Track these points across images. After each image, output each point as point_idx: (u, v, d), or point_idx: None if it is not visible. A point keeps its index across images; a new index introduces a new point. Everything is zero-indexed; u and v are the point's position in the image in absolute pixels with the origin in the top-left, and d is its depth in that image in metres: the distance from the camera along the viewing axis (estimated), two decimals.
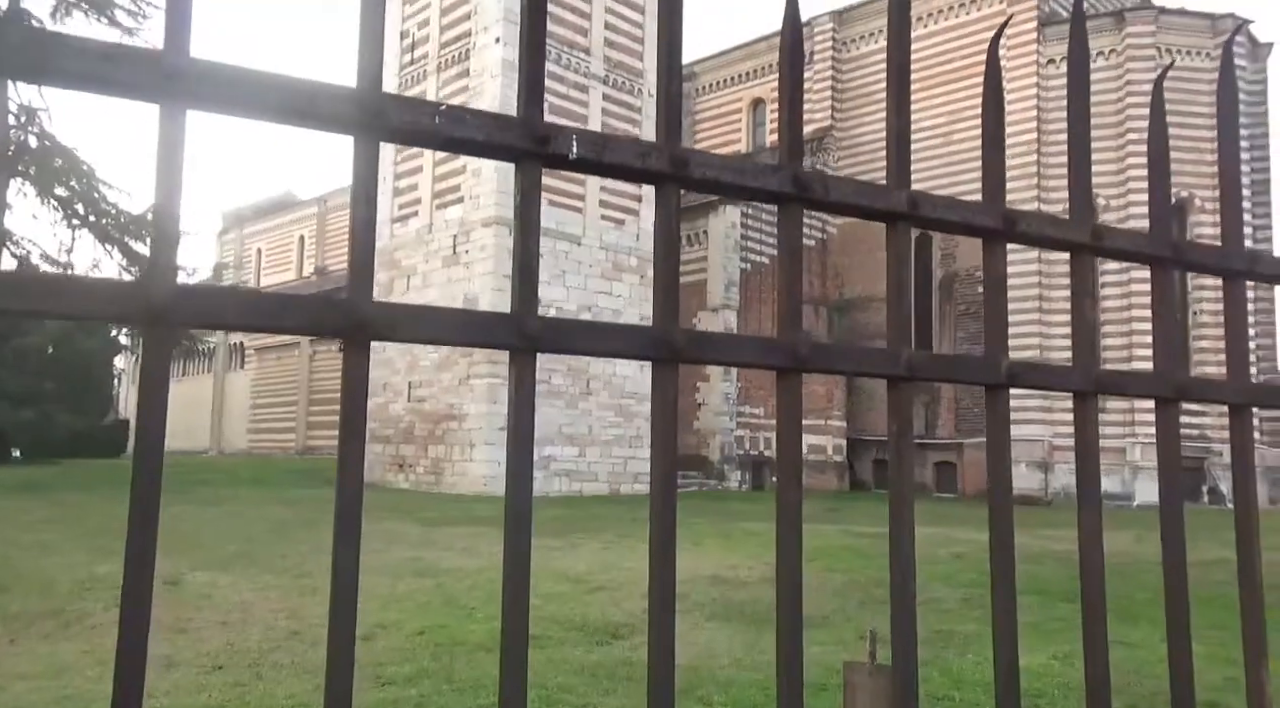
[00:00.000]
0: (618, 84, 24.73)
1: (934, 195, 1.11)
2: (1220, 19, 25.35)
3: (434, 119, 0.86)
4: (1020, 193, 25.97)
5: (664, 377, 0.97)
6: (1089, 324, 1.21)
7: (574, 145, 0.92)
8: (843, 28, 32.23)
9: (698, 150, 1.01)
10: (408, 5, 25.09)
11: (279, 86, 0.79)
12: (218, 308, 0.76)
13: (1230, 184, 1.26)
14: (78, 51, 0.72)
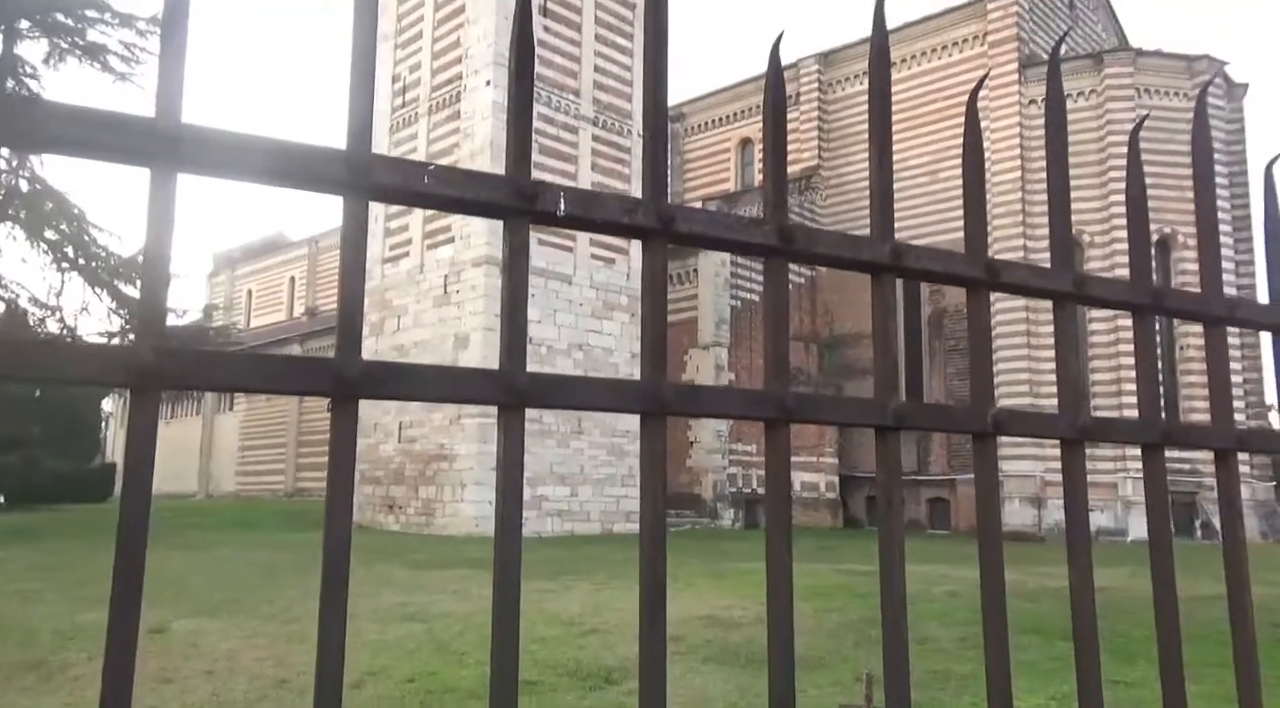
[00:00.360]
0: (607, 125, 25.03)
1: (918, 246, 1.13)
2: (1196, 60, 25.89)
3: (423, 179, 0.87)
4: (1006, 230, 26.26)
5: (652, 430, 0.97)
6: (1073, 372, 1.22)
7: (561, 203, 0.94)
8: (828, 69, 32.78)
9: (683, 206, 1.02)
10: (400, 50, 25.42)
11: (268, 150, 0.80)
12: (206, 370, 0.76)
13: (1207, 233, 1.28)
14: (68, 118, 0.73)
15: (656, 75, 0.99)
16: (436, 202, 0.89)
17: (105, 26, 18.77)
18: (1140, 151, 1.28)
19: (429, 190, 0.88)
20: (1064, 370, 1.21)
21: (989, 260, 1.16)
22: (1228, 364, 1.31)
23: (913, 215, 27.92)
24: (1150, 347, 1.26)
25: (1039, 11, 28.92)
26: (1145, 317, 1.24)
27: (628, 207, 0.97)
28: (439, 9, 24.54)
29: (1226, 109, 26.61)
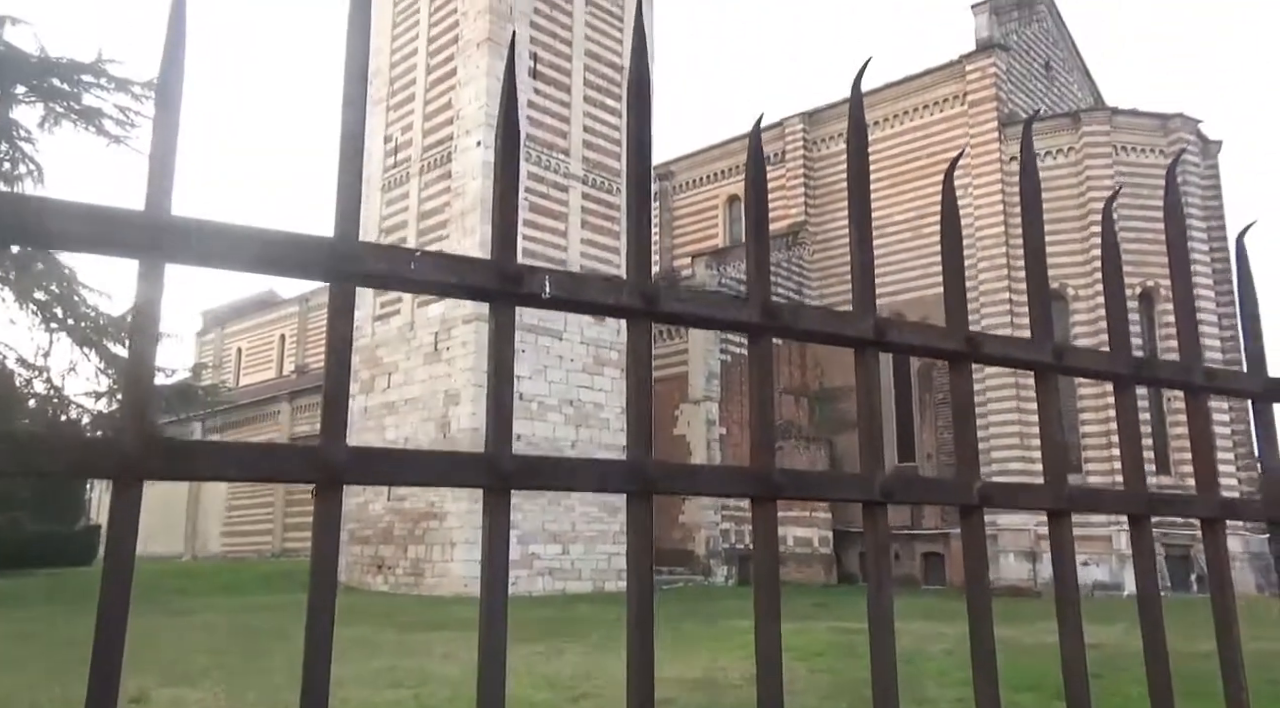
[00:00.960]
0: (596, 183, 25.37)
1: (900, 322, 1.15)
2: (1170, 119, 26.55)
3: (409, 265, 0.88)
4: (991, 284, 26.56)
5: (638, 509, 0.97)
6: (1058, 442, 1.23)
7: (547, 285, 0.95)
8: (813, 128, 33.43)
9: (667, 285, 1.04)
10: (392, 112, 25.84)
11: (256, 240, 0.81)
12: (189, 461, 0.76)
13: (1184, 305, 1.30)
14: (58, 214, 0.74)
15: (640, 155, 1.01)
16: (423, 287, 0.90)
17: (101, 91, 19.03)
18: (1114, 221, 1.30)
19: (415, 276, 0.89)
20: (1048, 441, 1.22)
21: (969, 334, 1.18)
22: (1211, 431, 1.32)
23: (897, 271, 28.23)
24: (1133, 417, 1.27)
25: (1016, 73, 29.69)
26: (1127, 387, 1.26)
27: (612, 287, 0.99)
28: (431, 73, 25.02)
29: (1202, 166, 27.20)
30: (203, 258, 0.81)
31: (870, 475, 1.07)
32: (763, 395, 1.07)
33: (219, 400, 25.75)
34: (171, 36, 0.78)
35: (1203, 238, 26.03)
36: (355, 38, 0.85)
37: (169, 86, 0.77)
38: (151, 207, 0.79)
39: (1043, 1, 32.24)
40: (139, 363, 0.76)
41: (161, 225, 0.77)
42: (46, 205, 0.74)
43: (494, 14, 23.58)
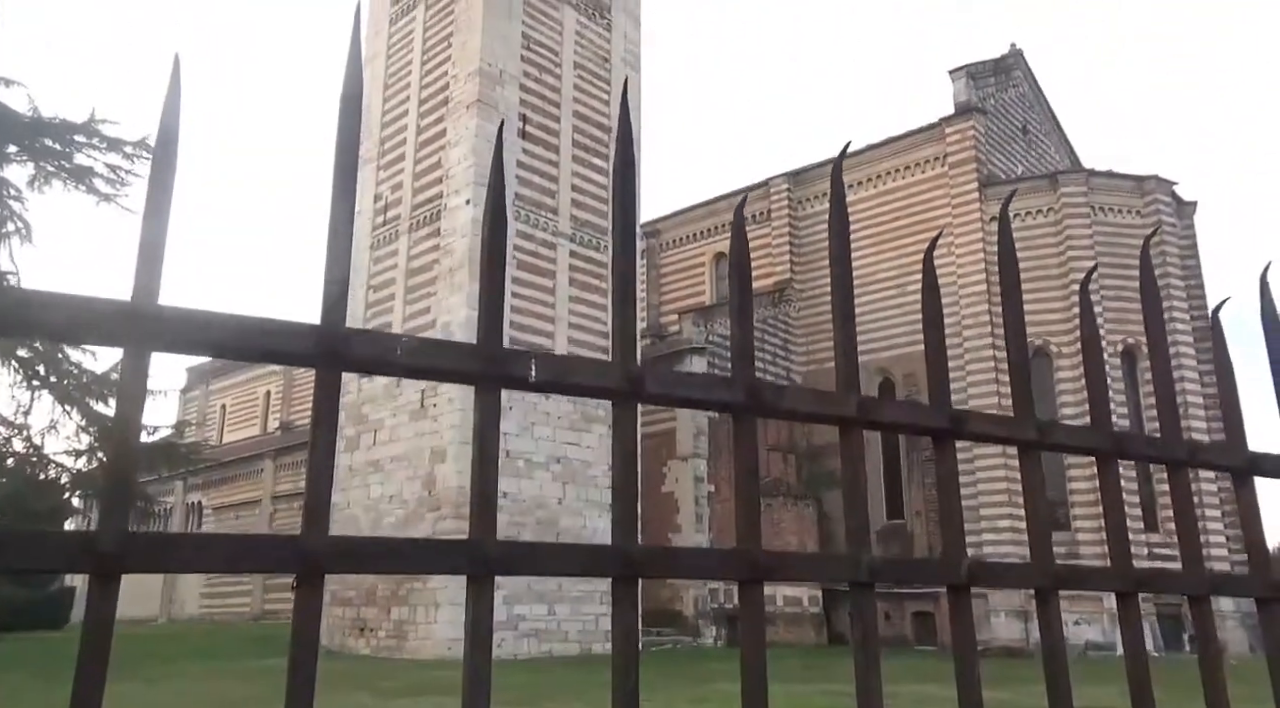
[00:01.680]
0: (583, 241, 25.61)
1: (883, 400, 1.16)
2: (1145, 180, 27.17)
3: (396, 351, 0.89)
4: (976, 340, 26.77)
5: (625, 593, 0.96)
6: (1044, 519, 1.23)
7: (533, 369, 0.95)
8: (797, 188, 33.99)
9: (652, 367, 1.04)
10: (382, 171, 26.14)
11: (243, 328, 0.81)
12: (168, 554, 0.75)
13: (1163, 382, 1.31)
14: (47, 306, 0.75)
15: (625, 243, 1.03)
16: (410, 372, 0.91)
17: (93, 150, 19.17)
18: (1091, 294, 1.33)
19: (402, 362, 0.89)
20: (1034, 518, 1.22)
21: (953, 411, 1.19)
22: (1193, 508, 1.32)
23: (882, 328, 28.47)
24: (1116, 493, 1.27)
25: (995, 135, 30.40)
26: (1109, 462, 1.27)
27: (598, 369, 0.99)
28: (421, 133, 25.39)
29: (1179, 226, 27.74)
30: (189, 346, 0.81)
31: (857, 556, 1.06)
32: (748, 477, 1.07)
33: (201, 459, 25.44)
34: (164, 134, 0.79)
35: (1181, 296, 26.40)
36: (345, 133, 0.86)
37: (161, 180, 0.79)
38: (139, 295, 0.79)
39: (1019, 67, 33.19)
40: (120, 455, 0.75)
41: (148, 315, 0.78)
42: (37, 297, 0.74)
43: (484, 77, 24.05)
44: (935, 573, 1.12)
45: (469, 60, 24.39)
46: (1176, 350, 24.97)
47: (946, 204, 28.91)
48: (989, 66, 31.44)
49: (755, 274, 33.82)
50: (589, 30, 27.22)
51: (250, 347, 0.82)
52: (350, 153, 0.86)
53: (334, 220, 0.86)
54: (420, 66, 25.97)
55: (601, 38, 27.54)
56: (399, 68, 26.70)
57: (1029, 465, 1.24)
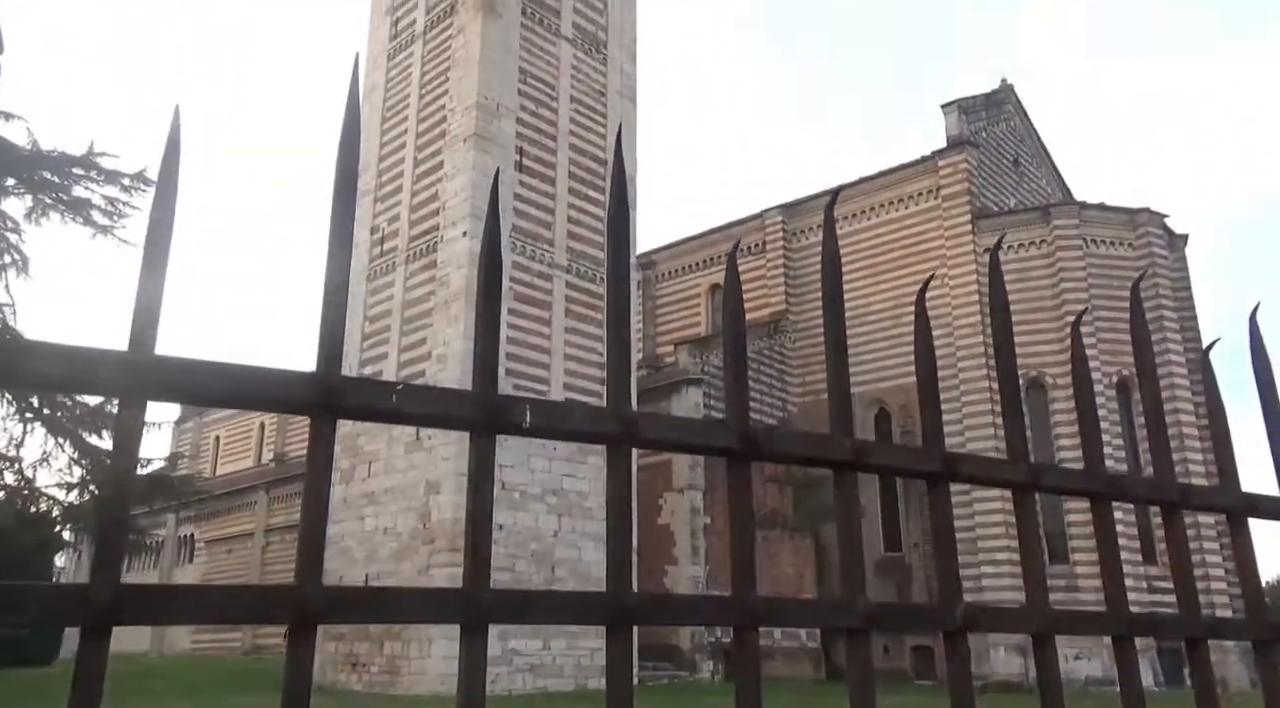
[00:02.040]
0: (579, 272, 25.70)
1: (877, 443, 1.16)
2: (1137, 213, 27.42)
3: (391, 398, 0.89)
4: (971, 372, 26.82)
5: (619, 641, 0.96)
6: (1039, 562, 1.23)
7: (528, 416, 0.96)
8: (791, 220, 34.21)
9: (647, 412, 1.05)
10: (379, 204, 26.28)
11: (238, 377, 0.82)
12: (162, 606, 0.75)
13: (1156, 427, 1.32)
14: (46, 357, 0.75)
15: (619, 289, 1.04)
16: (406, 419, 0.91)
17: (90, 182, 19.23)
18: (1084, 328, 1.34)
19: (398, 408, 0.90)
20: (1029, 562, 1.22)
21: (945, 454, 1.19)
22: (1188, 549, 1.32)
23: (878, 359, 28.51)
24: (1111, 534, 1.27)
25: (986, 168, 30.71)
26: (1103, 505, 1.27)
27: (592, 415, 1.00)
28: (418, 166, 25.58)
29: (1170, 259, 27.93)
30: (186, 396, 0.81)
31: (852, 602, 1.06)
32: (743, 523, 1.07)
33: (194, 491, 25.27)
34: (163, 188, 0.80)
35: (1175, 328, 26.52)
36: (340, 203, 0.87)
37: (158, 235, 0.79)
38: (135, 345, 0.79)
39: (1010, 102, 33.61)
40: (112, 507, 0.75)
41: (145, 365, 0.78)
42: (36, 349, 0.74)
43: (481, 111, 24.28)
44: (932, 619, 1.12)
45: (466, 94, 24.64)
46: (1171, 382, 25.03)
47: (940, 236, 29.11)
48: (980, 101, 31.84)
49: (750, 305, 33.95)
50: (585, 65, 27.55)
51: (246, 396, 0.82)
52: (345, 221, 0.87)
53: (329, 281, 0.87)
54: (418, 100, 26.22)
55: (598, 72, 27.86)
56: (397, 101, 26.95)
57: (1023, 508, 1.24)
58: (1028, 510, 1.24)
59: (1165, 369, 25.07)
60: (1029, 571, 1.20)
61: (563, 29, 27.00)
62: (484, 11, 24.85)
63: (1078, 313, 1.32)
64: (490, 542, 0.90)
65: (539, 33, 26.34)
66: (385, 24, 28.19)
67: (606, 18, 28.41)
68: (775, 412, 31.31)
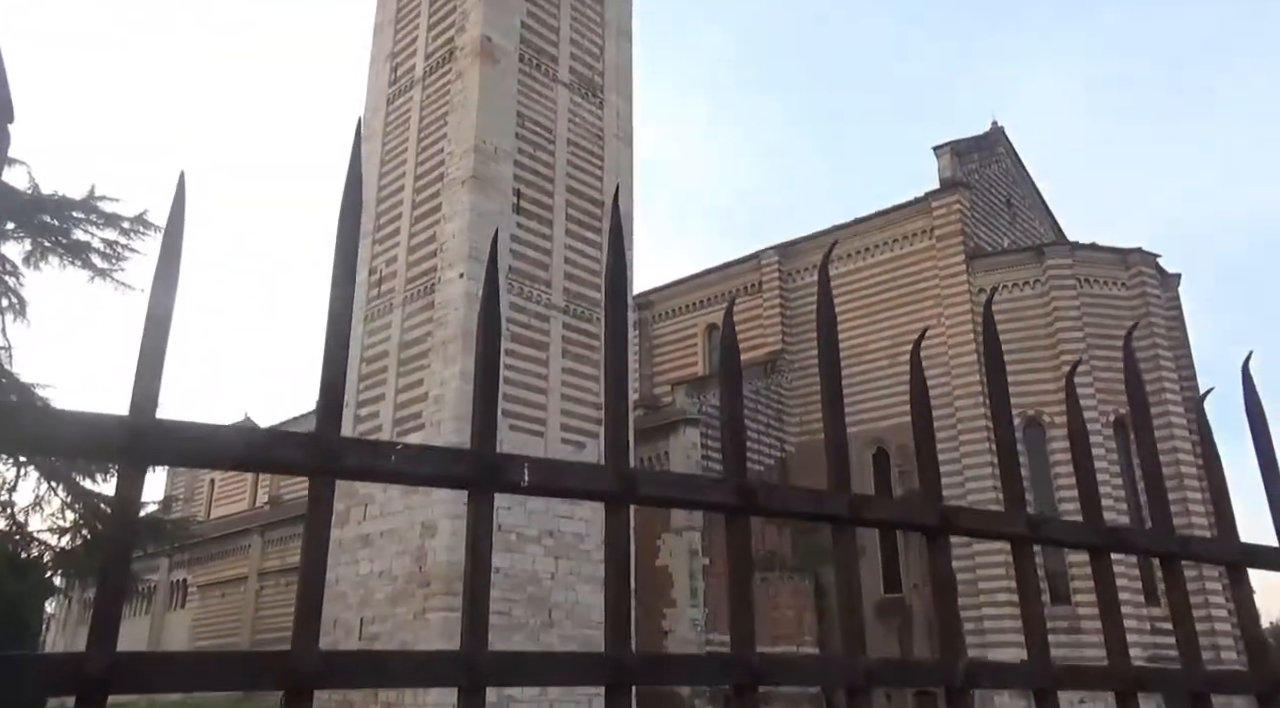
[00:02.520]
0: (576, 313, 25.78)
1: (874, 497, 1.16)
2: (1129, 253, 27.66)
3: (390, 458, 0.89)
4: (968, 410, 26.81)
5: (618, 701, 0.95)
6: (1039, 614, 1.23)
7: (526, 474, 0.96)
8: (787, 260, 34.42)
9: (644, 470, 1.05)
10: (377, 245, 26.44)
11: (238, 441, 0.82)
12: (157, 675, 0.74)
13: (1154, 480, 1.32)
14: (48, 422, 0.75)
15: (616, 344, 1.05)
16: (404, 478, 0.91)
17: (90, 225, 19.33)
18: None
19: (397, 468, 0.90)
20: (1029, 616, 1.21)
21: (943, 507, 1.19)
22: (1188, 601, 1.32)
23: (876, 398, 28.50)
24: (1110, 586, 1.27)
25: (980, 209, 31.02)
26: (1102, 557, 1.27)
27: (592, 473, 1.00)
28: (416, 208, 25.78)
29: (1163, 298, 28.10)
30: (185, 460, 0.81)
31: (853, 660, 1.05)
32: (741, 578, 1.07)
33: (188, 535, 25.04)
34: (165, 260, 0.81)
35: (1170, 368, 26.58)
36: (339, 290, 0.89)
37: (160, 306, 0.80)
38: (136, 411, 0.80)
39: (1001, 143, 34.07)
40: (110, 574, 0.75)
41: (144, 431, 0.78)
42: (39, 414, 0.75)
43: (479, 154, 24.54)
44: (934, 676, 1.11)
45: (465, 138, 24.92)
46: (1168, 420, 25.03)
47: (935, 275, 29.29)
48: (972, 143, 32.27)
49: (747, 345, 34.03)
50: (582, 108, 27.91)
51: (246, 459, 0.83)
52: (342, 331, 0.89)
53: (326, 380, 0.88)
54: (417, 144, 26.51)
55: (594, 115, 28.23)
56: (396, 145, 27.24)
57: (1022, 560, 1.24)
58: (1026, 563, 1.24)
59: (1162, 411, 25.10)
60: (1029, 624, 1.19)
61: (560, 74, 27.42)
62: (482, 58, 25.25)
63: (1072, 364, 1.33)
64: (488, 601, 0.90)
65: (536, 78, 26.74)
66: (385, 70, 28.62)
67: (603, 63, 28.87)
68: (774, 451, 31.22)
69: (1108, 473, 24.22)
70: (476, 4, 25.88)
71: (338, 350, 0.88)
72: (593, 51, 28.66)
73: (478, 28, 25.57)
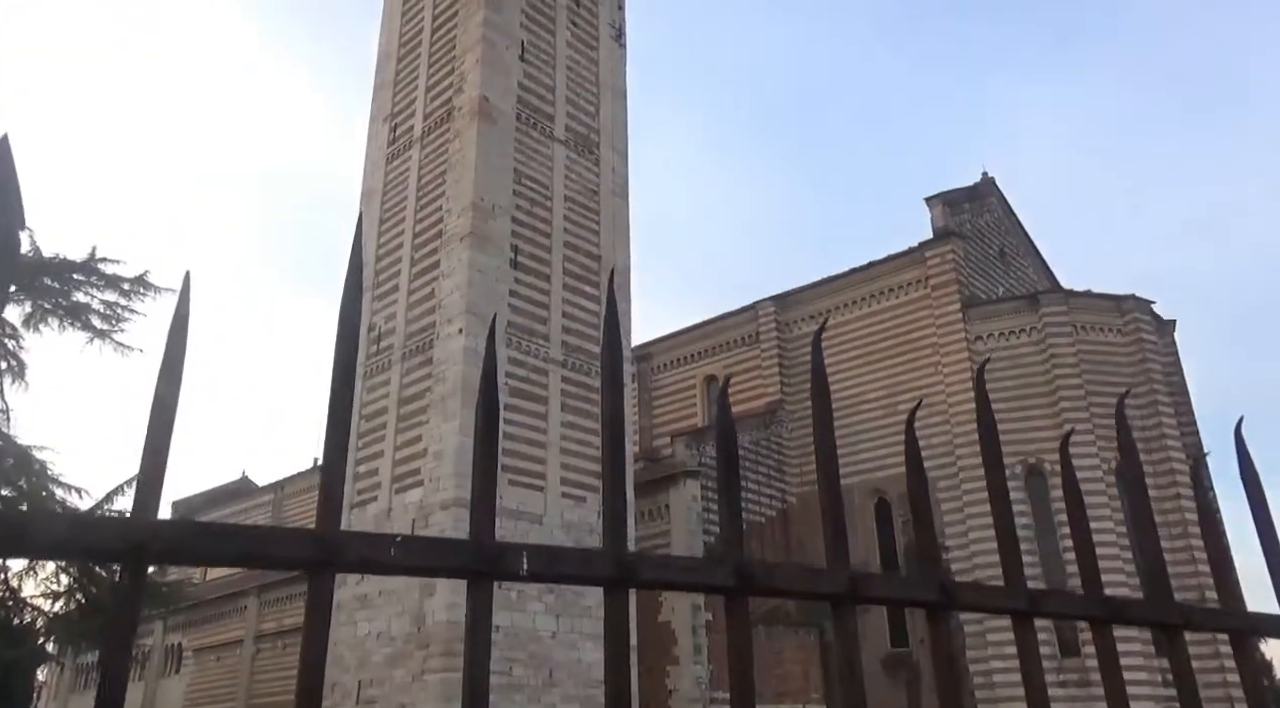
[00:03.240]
0: (575, 366, 25.82)
1: (873, 575, 1.16)
2: (1124, 300, 27.85)
3: (389, 551, 0.90)
4: (969, 460, 26.68)
5: None
6: (1040, 688, 1.22)
7: (524, 562, 0.96)
8: (784, 311, 34.61)
9: (643, 554, 1.05)
10: (377, 301, 26.59)
11: (239, 538, 0.83)
12: None
13: (1153, 561, 1.33)
14: (51, 525, 0.76)
15: (614, 435, 1.06)
16: (404, 570, 0.92)
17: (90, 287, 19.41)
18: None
19: (396, 561, 0.91)
20: (1031, 688, 1.21)
21: (944, 581, 1.19)
22: (1192, 672, 1.31)
23: (874, 448, 28.42)
24: (1112, 658, 1.26)
25: (973, 258, 31.31)
26: (1103, 629, 1.26)
27: (589, 559, 1.00)
28: (415, 264, 26.00)
29: (1159, 344, 28.22)
30: (186, 559, 0.82)
31: None
32: (741, 659, 1.07)
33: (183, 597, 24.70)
34: (170, 355, 0.83)
35: (1170, 413, 26.55)
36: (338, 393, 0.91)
37: (163, 410, 0.82)
38: (138, 510, 0.81)
39: (992, 194, 34.53)
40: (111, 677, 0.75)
41: (146, 531, 0.79)
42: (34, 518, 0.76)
43: (477, 211, 24.84)
44: None
45: (463, 195, 25.24)
46: (1170, 467, 24.93)
47: (931, 325, 29.42)
48: (963, 193, 32.70)
49: (746, 396, 34.00)
50: (578, 165, 28.33)
51: (247, 556, 0.83)
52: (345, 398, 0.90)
53: (325, 489, 0.89)
54: (415, 201, 26.83)
55: (590, 171, 28.64)
56: (395, 202, 27.57)
57: (1023, 635, 1.23)
58: (1028, 636, 1.23)
59: (1164, 457, 25.03)
60: (1032, 698, 1.19)
61: (556, 132, 27.88)
62: (480, 117, 25.70)
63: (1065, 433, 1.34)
64: (488, 689, 0.90)
65: (533, 136, 27.19)
66: (384, 130, 29.09)
67: (598, 121, 29.38)
68: (775, 503, 31.00)
69: (1112, 521, 24.00)
70: (474, 66, 26.43)
71: (337, 453, 0.90)
72: (588, 110, 29.19)
73: (475, 88, 26.08)
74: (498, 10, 27.23)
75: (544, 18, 28.81)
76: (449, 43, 28.02)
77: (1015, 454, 25.04)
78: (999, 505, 1.24)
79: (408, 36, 29.81)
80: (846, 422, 29.29)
